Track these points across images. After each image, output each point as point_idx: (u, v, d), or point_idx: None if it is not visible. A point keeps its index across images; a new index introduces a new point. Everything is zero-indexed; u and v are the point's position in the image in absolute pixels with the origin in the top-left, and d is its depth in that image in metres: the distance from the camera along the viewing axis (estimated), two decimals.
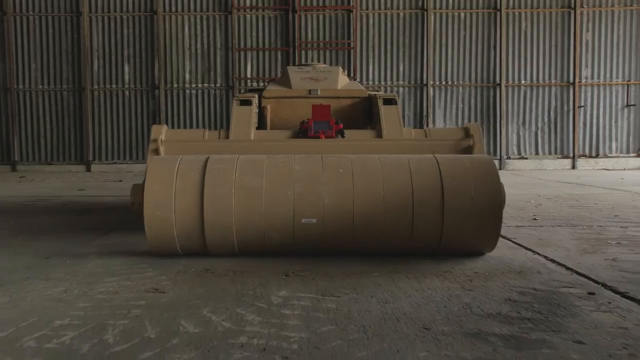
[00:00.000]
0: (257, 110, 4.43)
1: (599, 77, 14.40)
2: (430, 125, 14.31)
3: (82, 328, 2.16)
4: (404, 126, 4.36)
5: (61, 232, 4.62)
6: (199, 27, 14.36)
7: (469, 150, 3.96)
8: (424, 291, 2.70)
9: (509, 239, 4.12)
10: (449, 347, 1.95)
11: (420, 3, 14.33)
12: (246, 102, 4.30)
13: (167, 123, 14.20)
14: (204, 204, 3.27)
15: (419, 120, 14.43)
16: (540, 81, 14.44)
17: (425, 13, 14.29)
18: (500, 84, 14.35)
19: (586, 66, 14.38)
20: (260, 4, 14.32)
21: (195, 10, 14.31)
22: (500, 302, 2.51)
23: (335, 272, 3.08)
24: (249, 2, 14.30)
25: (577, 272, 3.10)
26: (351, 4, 14.23)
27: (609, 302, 2.51)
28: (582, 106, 14.36)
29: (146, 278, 2.96)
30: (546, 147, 14.52)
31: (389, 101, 4.31)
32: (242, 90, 14.08)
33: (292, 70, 5.22)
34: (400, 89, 14.43)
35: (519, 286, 2.80)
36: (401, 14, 14.38)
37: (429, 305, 2.47)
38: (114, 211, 6.15)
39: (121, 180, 10.95)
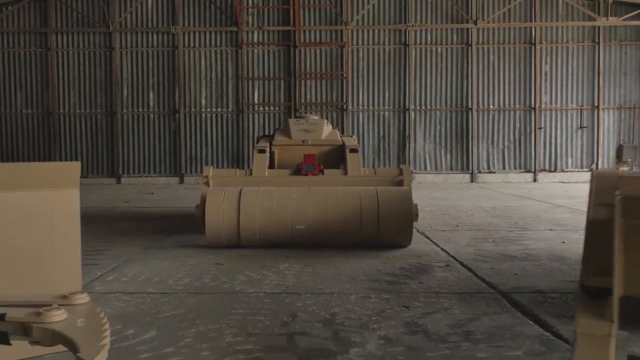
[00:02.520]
0: (268, 155, 6.86)
1: (556, 103, 16.80)
2: (412, 144, 16.71)
3: (190, 277, 4.57)
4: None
5: (139, 233, 7.01)
6: (213, 60, 16.79)
7: (401, 183, 6.36)
8: (359, 264, 5.10)
9: (427, 237, 6.52)
10: (360, 284, 4.35)
11: (403, 39, 16.74)
12: (262, 151, 6.74)
13: (185, 142, 16.63)
14: (240, 216, 5.67)
15: (402, 140, 16.81)
16: (507, 106, 16.84)
17: (407, 47, 16.70)
18: (471, 108, 16.73)
19: (545, 93, 16.77)
20: (266, 40, 16.75)
21: (210, 45, 16.75)
22: (396, 269, 4.91)
23: (315, 255, 5.48)
24: (256, 39, 16.73)
25: (451, 256, 5.50)
26: (344, 40, 16.64)
27: (452, 268, 4.91)
28: (542, 127, 16.74)
29: (210, 258, 5.36)
30: (512, 162, 16.90)
31: (353, 150, 6.74)
32: (251, 115, 16.58)
33: (292, 122, 7.65)
34: (386, 113, 16.83)
35: (412, 262, 5.20)
36: (387, 49, 16.78)
37: (359, 270, 4.87)
38: (163, 219, 8.55)
39: (152, 193, 13.36)
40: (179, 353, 2.88)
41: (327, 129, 7.54)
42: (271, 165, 7.02)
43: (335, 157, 7.18)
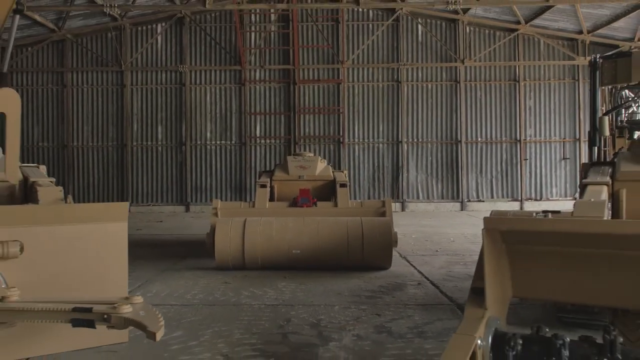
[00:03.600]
0: (269, 189, 7.87)
1: (540, 136, 17.86)
2: (405, 174, 17.73)
3: (203, 293, 5.53)
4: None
5: (155, 258, 7.97)
6: (218, 96, 17.94)
7: (383, 214, 7.35)
8: (345, 282, 6.06)
9: (408, 261, 7.48)
10: (344, 298, 5.31)
11: (395, 77, 17.90)
12: (263, 186, 7.77)
13: (191, 173, 17.68)
14: (244, 243, 6.64)
15: (396, 171, 17.82)
16: (493, 138, 17.90)
17: (400, 84, 17.84)
18: (461, 141, 17.79)
19: (529, 127, 17.85)
20: (267, 78, 17.91)
21: (215, 82, 17.91)
22: (375, 286, 5.87)
23: (308, 275, 6.44)
24: (258, 77, 17.90)
25: (425, 276, 6.46)
26: (340, 78, 17.80)
27: (422, 286, 5.87)
28: (527, 159, 17.77)
29: (219, 278, 6.33)
30: (499, 191, 17.89)
31: (343, 185, 7.76)
32: (253, 147, 17.65)
33: (290, 159, 8.67)
34: (380, 145, 17.89)
35: (390, 281, 6.16)
36: (380, 85, 17.93)
37: (344, 287, 5.83)
38: (174, 245, 9.51)
39: (162, 221, 14.35)
40: (200, 345, 3.85)
41: (320, 166, 8.56)
42: (271, 198, 8.02)
43: (328, 191, 8.19)
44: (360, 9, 17.40)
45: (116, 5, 13.47)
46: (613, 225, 2.83)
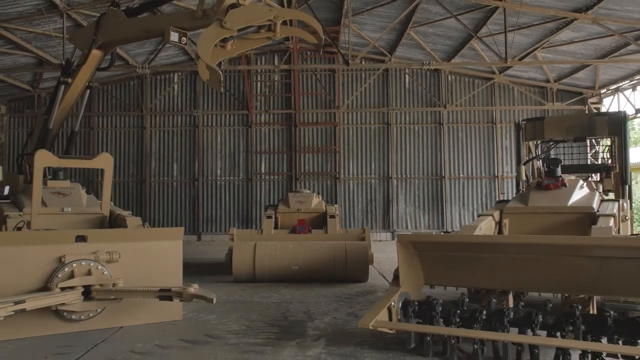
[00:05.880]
0: (274, 219, 9.94)
1: (515, 172, 19.89)
2: (395, 207, 19.77)
3: (226, 295, 7.54)
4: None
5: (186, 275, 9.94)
6: (227, 137, 20.13)
7: (363, 239, 9.37)
8: (331, 289, 8.06)
9: (383, 276, 9.46)
10: (328, 298, 7.32)
11: (385, 119, 20.10)
12: (269, 217, 9.83)
13: (203, 205, 19.75)
14: (255, 261, 8.66)
15: (386, 203, 19.87)
16: (474, 175, 19.99)
17: (389, 126, 20.03)
18: (444, 177, 19.87)
19: (506, 164, 19.94)
20: (271, 121, 20.14)
21: (225, 125, 20.14)
22: (353, 292, 7.87)
23: (303, 285, 8.43)
24: (263, 120, 20.13)
25: None
26: (336, 121, 20.01)
27: None
28: (504, 193, 19.80)
29: (237, 286, 8.33)
30: None
31: (332, 216, 9.82)
32: (259, 183, 19.76)
33: (290, 195, 10.75)
34: (372, 181, 19.99)
35: (365, 289, 8.15)
36: (372, 127, 20.12)
37: (330, 292, 7.83)
38: (195, 266, 11.49)
39: None
40: (230, 322, 5.85)
41: (315, 200, 10.63)
42: (275, 226, 10.07)
43: (320, 220, 10.25)
44: (352, 62, 19.68)
45: (146, 66, 15.74)
46: (468, 237, 4.91)
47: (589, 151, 16.48)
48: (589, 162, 9.53)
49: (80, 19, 14.14)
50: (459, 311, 4.48)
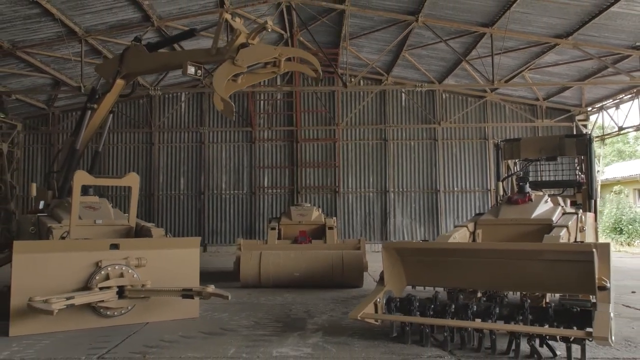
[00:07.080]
0: (277, 231, 10.87)
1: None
2: (392, 219, 20.69)
3: (235, 298, 8.45)
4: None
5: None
6: (232, 152, 21.12)
7: (358, 248, 10.28)
8: (329, 293, 8.97)
9: (376, 282, 10.34)
10: (327, 300, 8.24)
11: (383, 136, 21.09)
12: (273, 228, 10.77)
13: (208, 218, 20.68)
14: (260, 268, 9.57)
15: (384, 216, 20.79)
16: (467, 188, 20.93)
17: (387, 142, 21.01)
18: (439, 190, 20.81)
19: None
20: (274, 137, 21.13)
21: (230, 141, 21.13)
22: (349, 296, 8.79)
23: (304, 290, 9.34)
24: (266, 136, 21.13)
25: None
26: (336, 137, 21.00)
27: None
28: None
29: (244, 291, 9.24)
30: None
31: (331, 228, 10.75)
32: (262, 196, 20.70)
33: (292, 209, 11.69)
34: (370, 194, 20.92)
35: (360, 293, 9.06)
36: (370, 143, 21.10)
37: (328, 296, 8.74)
38: (205, 275, 12.37)
39: None
40: (240, 319, 6.77)
41: (315, 213, 11.56)
42: (279, 237, 11.00)
43: (320, 232, 11.18)
44: (352, 81, 20.70)
45: (158, 88, 16.78)
46: (442, 244, 5.85)
47: (573, 168, 17.46)
48: (569, 179, 10.49)
49: (96, 44, 15.20)
50: (432, 305, 5.40)
